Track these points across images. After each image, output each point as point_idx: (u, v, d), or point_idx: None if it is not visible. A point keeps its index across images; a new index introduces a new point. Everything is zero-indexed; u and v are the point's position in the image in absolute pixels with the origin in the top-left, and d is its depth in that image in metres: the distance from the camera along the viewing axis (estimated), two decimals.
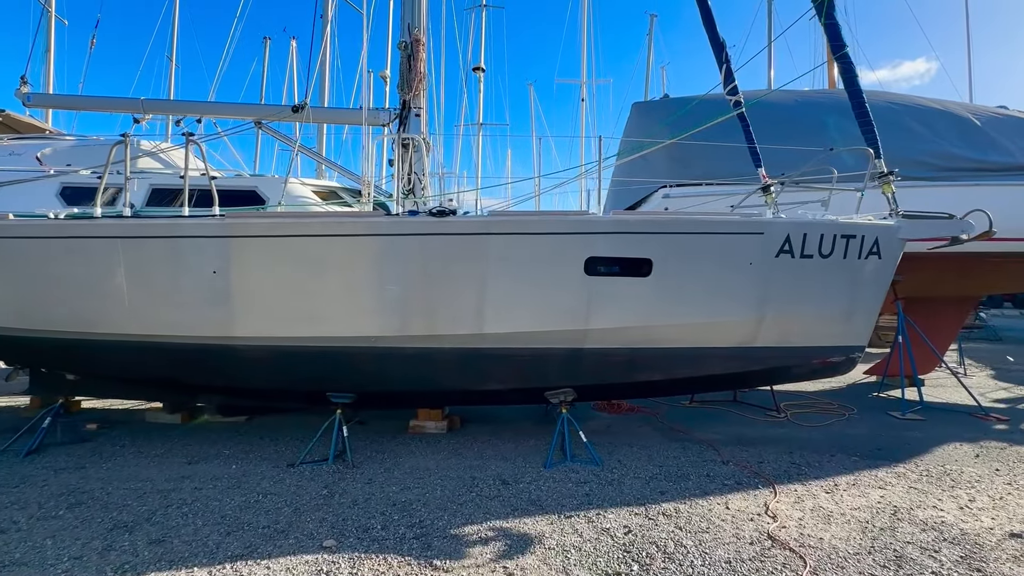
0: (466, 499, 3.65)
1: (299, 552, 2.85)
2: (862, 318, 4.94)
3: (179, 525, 3.17)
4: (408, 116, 5.60)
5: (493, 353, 4.34)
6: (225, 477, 4.04)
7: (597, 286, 4.23)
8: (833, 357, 4.99)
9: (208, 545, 2.91)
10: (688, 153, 6.90)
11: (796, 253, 4.60)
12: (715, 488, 3.90)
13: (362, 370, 4.44)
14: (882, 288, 4.97)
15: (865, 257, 4.81)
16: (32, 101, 6.25)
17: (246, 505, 3.49)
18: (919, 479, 4.14)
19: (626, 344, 4.46)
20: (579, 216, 4.28)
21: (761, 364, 4.83)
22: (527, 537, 3.08)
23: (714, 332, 4.57)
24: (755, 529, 3.20)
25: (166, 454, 4.64)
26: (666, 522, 3.30)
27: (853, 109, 5.03)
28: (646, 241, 4.27)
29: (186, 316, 4.20)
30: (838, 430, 5.59)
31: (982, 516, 3.44)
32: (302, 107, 4.86)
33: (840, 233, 4.69)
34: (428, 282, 4.13)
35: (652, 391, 5.42)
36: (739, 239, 4.44)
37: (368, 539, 3.01)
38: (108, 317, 4.23)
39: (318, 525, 3.19)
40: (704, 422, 5.89)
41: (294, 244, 4.07)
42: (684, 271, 4.36)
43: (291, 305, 4.16)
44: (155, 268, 4.14)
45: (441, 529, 3.17)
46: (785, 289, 4.63)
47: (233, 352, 4.34)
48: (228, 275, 4.09)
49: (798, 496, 3.76)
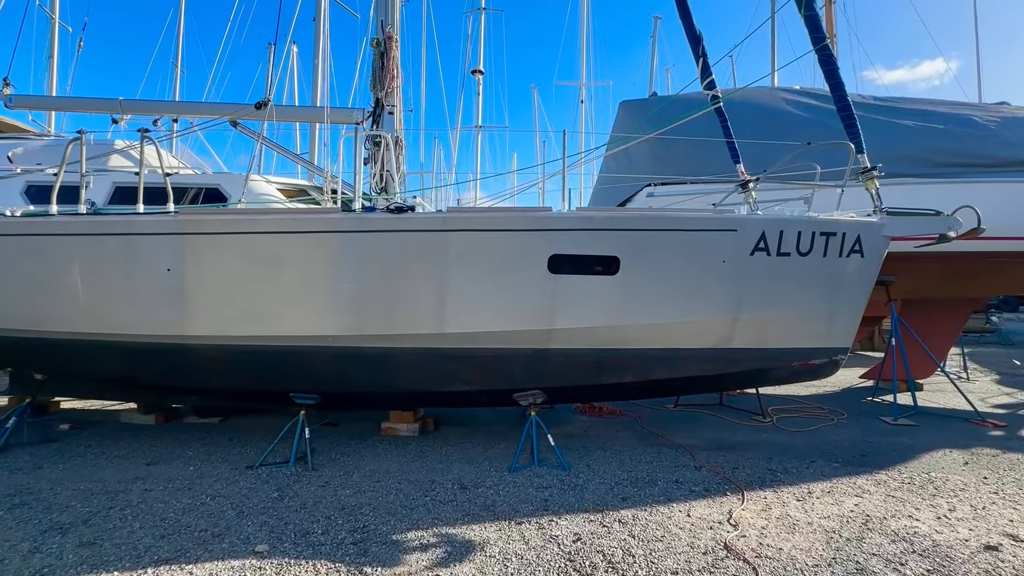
0: (419, 503, 3.54)
1: (228, 557, 2.75)
2: (845, 319, 4.76)
3: (116, 528, 3.09)
4: (381, 114, 5.54)
5: (455, 354, 4.22)
6: (180, 479, 3.96)
7: (561, 285, 4.11)
8: (815, 359, 4.81)
9: (137, 549, 2.83)
10: (672, 151, 6.76)
11: (772, 251, 4.44)
12: (681, 494, 3.74)
13: (321, 371, 4.35)
14: (866, 288, 4.78)
15: (847, 255, 4.63)
16: (13, 103, 6.29)
17: (191, 507, 3.41)
18: (900, 487, 3.94)
19: (594, 345, 4.32)
20: (541, 213, 4.17)
21: (739, 366, 4.66)
22: (470, 544, 2.95)
23: (687, 333, 4.42)
24: (712, 538, 3.04)
25: (129, 455, 4.58)
26: (620, 529, 3.15)
27: (835, 103, 4.87)
28: (613, 238, 4.14)
29: (141, 315, 4.15)
30: (823, 435, 5.39)
31: (959, 527, 3.24)
32: (265, 103, 4.83)
33: (819, 230, 4.52)
34: (386, 280, 4.03)
35: (625, 393, 5.27)
36: (711, 236, 4.29)
37: (304, 544, 2.91)
38: (64, 316, 4.19)
39: (257, 529, 3.10)
40: (686, 426, 5.72)
41: (248, 241, 4.00)
42: (654, 269, 4.22)
43: (246, 304, 4.09)
44: (109, 266, 4.10)
45: (383, 535, 3.05)
46: (761, 288, 4.46)
47: (190, 351, 4.28)
48: (182, 273, 4.04)
49: (767, 504, 3.59)
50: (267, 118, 4.94)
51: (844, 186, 4.66)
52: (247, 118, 4.97)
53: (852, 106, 4.76)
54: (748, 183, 4.90)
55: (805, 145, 4.75)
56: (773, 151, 5.45)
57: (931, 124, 6.99)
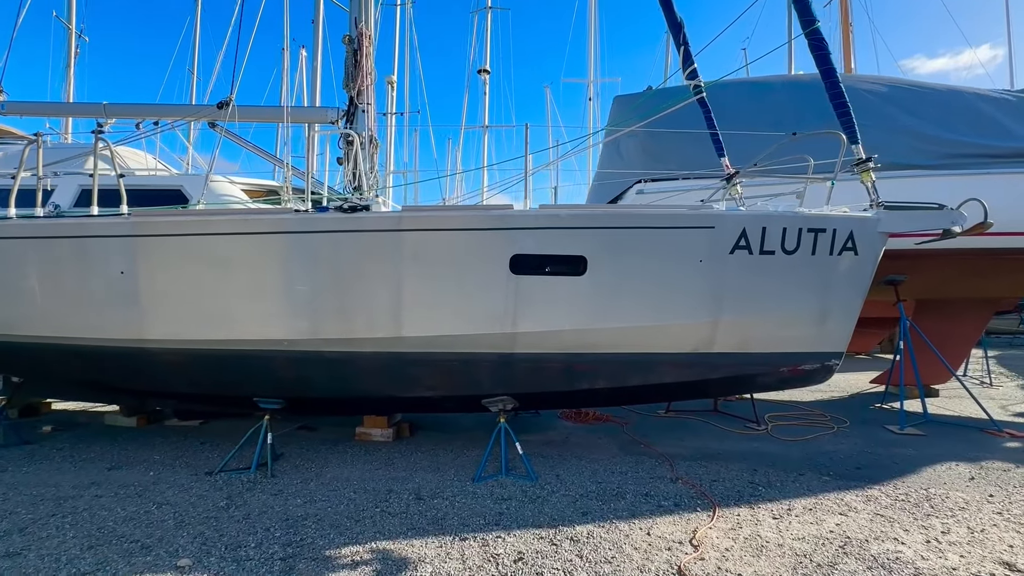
0: (367, 515, 3.38)
1: (148, 571, 2.64)
2: (837, 321, 4.43)
3: (49, 536, 3.02)
4: (355, 113, 5.43)
5: (416, 358, 4.06)
6: (135, 485, 3.90)
7: (525, 286, 3.91)
8: (805, 364, 4.49)
9: (60, 560, 2.74)
10: (662, 146, 6.48)
11: (755, 249, 4.15)
12: (647, 510, 3.50)
13: (281, 375, 4.25)
14: (861, 288, 4.44)
15: (838, 253, 4.31)
16: (6, 109, 6.41)
17: (133, 516, 3.32)
18: (891, 504, 3.62)
19: (562, 349, 4.11)
20: (501, 211, 3.97)
21: (720, 372, 4.38)
22: (404, 562, 2.78)
23: (662, 337, 4.16)
24: (667, 560, 2.80)
25: (96, 458, 4.56)
26: (569, 549, 2.94)
27: (826, 90, 4.54)
28: (579, 237, 3.92)
29: (97, 318, 4.11)
30: (819, 446, 5.05)
31: (949, 553, 2.93)
32: (227, 103, 4.76)
33: (807, 227, 4.22)
34: (340, 283, 3.90)
35: (600, 400, 5.03)
36: (686, 234, 4.03)
37: (231, 559, 2.78)
38: (25, 319, 4.19)
39: (191, 541, 2.99)
40: (673, 433, 5.45)
41: (200, 243, 3.92)
42: (624, 270, 3.99)
43: (200, 307, 4.01)
44: (65, 269, 4.07)
45: (318, 550, 2.91)
46: (743, 289, 4.18)
47: (148, 355, 4.22)
48: (136, 276, 3.98)
49: (738, 522, 3.32)
50: (228, 118, 4.87)
51: (835, 179, 4.33)
52: (208, 118, 4.92)
53: (844, 92, 4.43)
54: (732, 177, 4.61)
55: (790, 136, 4.43)
56: (767, 144, 5.14)
57: (947, 108, 6.54)
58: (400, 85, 17.29)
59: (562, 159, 6.04)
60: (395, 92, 18.10)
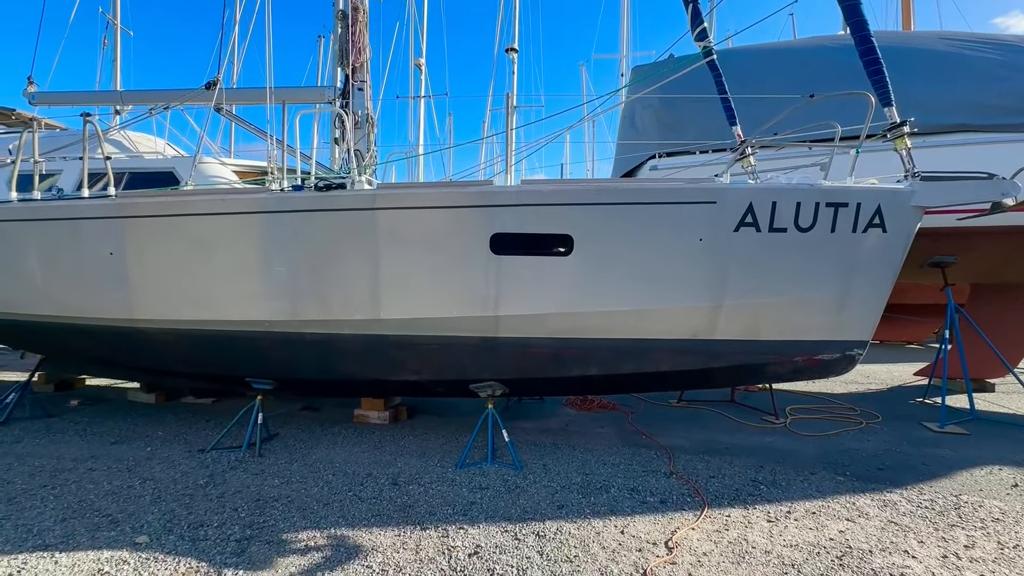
0: (337, 499, 3.33)
1: (106, 546, 2.67)
2: (861, 307, 3.97)
3: (31, 508, 3.12)
4: (351, 91, 5.32)
5: (396, 341, 3.95)
6: (129, 459, 4.02)
7: (506, 267, 3.70)
8: (822, 354, 4.07)
9: (32, 531, 2.82)
10: (677, 116, 6.02)
11: (763, 226, 3.76)
12: (629, 506, 3.27)
13: (268, 356, 4.25)
14: (890, 269, 3.95)
15: (863, 230, 3.84)
16: (36, 100, 6.73)
17: (115, 491, 3.41)
18: (911, 511, 3.23)
19: (549, 334, 3.89)
20: (479, 187, 3.75)
21: (724, 360, 4.03)
22: (358, 550, 2.69)
23: (657, 322, 3.86)
24: (634, 563, 2.58)
25: (104, 433, 4.75)
26: (532, 544, 2.76)
27: (856, 46, 4.02)
28: (563, 214, 3.66)
29: (92, 298, 4.23)
30: (840, 442, 4.62)
31: (967, 571, 2.55)
32: (214, 83, 4.75)
33: (825, 201, 3.77)
34: (317, 264, 3.82)
35: (593, 388, 4.77)
36: (683, 210, 3.69)
37: (189, 538, 2.78)
38: (28, 299, 4.37)
39: (158, 518, 3.02)
40: (680, 425, 5.14)
41: (180, 224, 3.93)
42: (613, 249, 3.70)
43: (184, 287, 4.04)
44: (60, 250, 4.20)
45: (275, 533, 2.86)
46: (749, 270, 3.81)
47: (141, 335, 4.32)
48: (124, 256, 4.05)
49: (726, 524, 3.05)
50: (215, 100, 4.86)
51: (860, 147, 3.83)
52: (199, 102, 4.93)
53: (876, 47, 3.90)
54: (745, 147, 4.17)
55: (807, 98, 3.95)
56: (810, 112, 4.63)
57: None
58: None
59: (555, 135, 5.69)
60: (425, 75, 18.00)
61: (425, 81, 18.18)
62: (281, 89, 5.29)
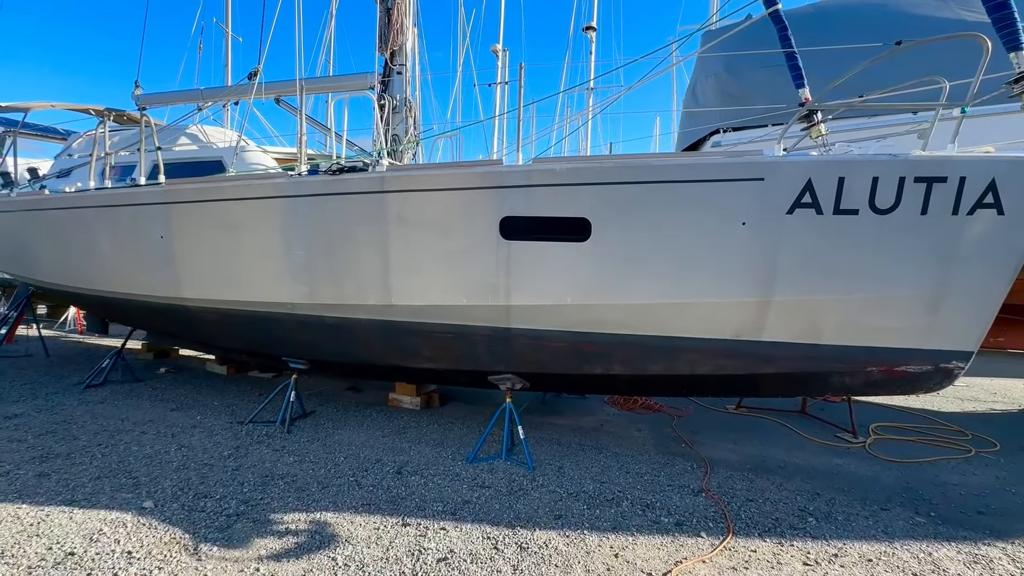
0: (335, 483, 3.33)
1: (116, 507, 2.88)
2: (962, 309, 3.16)
3: (78, 464, 3.48)
4: (391, 76, 5.30)
5: (409, 327, 3.86)
6: (178, 426, 4.37)
7: (518, 253, 3.42)
8: (907, 364, 3.31)
9: (68, 485, 3.13)
10: (744, 86, 5.24)
11: (827, 207, 3.11)
12: (635, 524, 2.90)
13: (292, 337, 4.38)
14: (1007, 262, 3.09)
15: (969, 212, 3.04)
16: (140, 101, 7.59)
17: (152, 455, 3.70)
18: (1005, 573, 2.51)
19: (564, 327, 3.56)
20: (488, 167, 3.48)
21: (775, 366, 3.43)
22: (332, 540, 2.64)
23: (690, 318, 3.37)
24: None
25: (171, 399, 5.24)
26: (509, 557, 2.53)
27: None
28: (579, 195, 3.29)
29: (148, 277, 4.64)
30: (935, 473, 3.79)
31: None
32: (254, 74, 4.95)
33: (913, 175, 3.03)
34: (332, 247, 3.82)
35: (619, 387, 4.33)
36: (721, 189, 3.15)
37: (187, 508, 2.91)
38: (100, 277, 4.91)
39: (173, 484, 3.21)
40: (732, 435, 4.55)
41: (214, 209, 4.14)
42: (636, 235, 3.27)
43: (222, 269, 4.27)
44: (122, 234, 4.65)
45: (265, 511, 2.91)
46: (807, 261, 3.18)
47: (189, 312, 4.67)
48: (171, 239, 4.37)
49: (747, 560, 2.57)
50: (253, 92, 5.07)
51: (967, 105, 2.99)
52: (240, 97, 5.17)
53: None
54: (813, 114, 3.46)
55: (893, 46, 3.14)
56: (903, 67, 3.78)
57: None
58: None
59: (571, 118, 5.18)
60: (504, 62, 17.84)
61: (502, 67, 18.02)
62: (317, 79, 5.44)
